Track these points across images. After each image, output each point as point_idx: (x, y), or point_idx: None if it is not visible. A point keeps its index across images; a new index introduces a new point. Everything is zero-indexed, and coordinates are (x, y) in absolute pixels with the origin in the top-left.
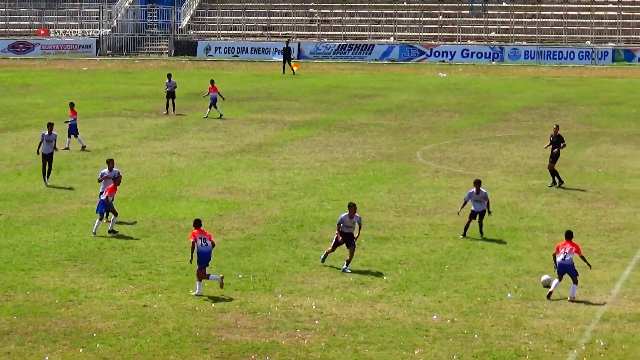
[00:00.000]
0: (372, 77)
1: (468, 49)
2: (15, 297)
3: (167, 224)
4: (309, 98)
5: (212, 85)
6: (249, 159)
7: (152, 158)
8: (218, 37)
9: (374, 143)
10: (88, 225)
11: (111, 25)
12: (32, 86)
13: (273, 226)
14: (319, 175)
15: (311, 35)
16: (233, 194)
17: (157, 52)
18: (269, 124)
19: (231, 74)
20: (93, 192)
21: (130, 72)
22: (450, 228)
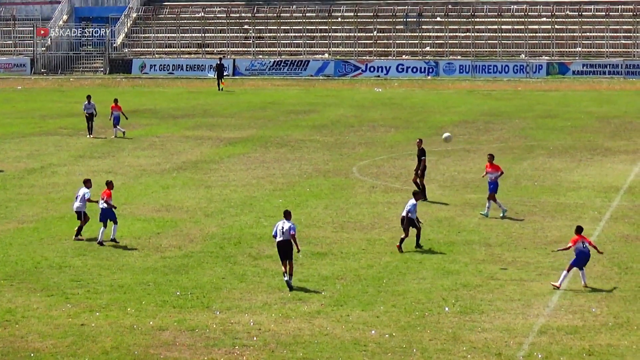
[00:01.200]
0: (308, 92)
1: (403, 64)
2: None
3: (104, 242)
4: (245, 114)
5: (116, 104)
6: (186, 176)
7: (88, 176)
8: (153, 54)
9: (310, 159)
10: (24, 245)
11: (45, 43)
12: None
13: (210, 243)
14: (255, 192)
15: (246, 51)
16: (170, 211)
17: (92, 70)
18: (205, 141)
19: (166, 91)
20: (29, 211)
21: (66, 91)
22: (388, 243)
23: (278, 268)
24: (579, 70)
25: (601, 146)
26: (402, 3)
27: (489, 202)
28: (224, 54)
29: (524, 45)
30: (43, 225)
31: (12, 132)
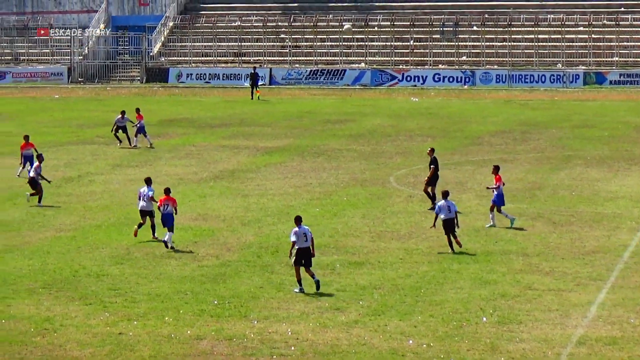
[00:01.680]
0: (345, 102)
1: (439, 73)
2: None
3: (142, 251)
4: (282, 124)
5: (139, 114)
6: (223, 185)
7: (125, 185)
8: (189, 63)
9: (347, 168)
10: (62, 253)
11: (82, 52)
12: (3, 114)
13: (248, 252)
14: (292, 201)
15: (283, 61)
16: (207, 220)
17: (129, 79)
18: (242, 150)
19: (203, 100)
20: (67, 219)
21: (102, 100)
22: (425, 252)
23: (323, 279)
24: (616, 80)
25: (639, 156)
26: (438, 12)
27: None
28: (260, 63)
29: (560, 55)
30: (81, 233)
31: (50, 140)
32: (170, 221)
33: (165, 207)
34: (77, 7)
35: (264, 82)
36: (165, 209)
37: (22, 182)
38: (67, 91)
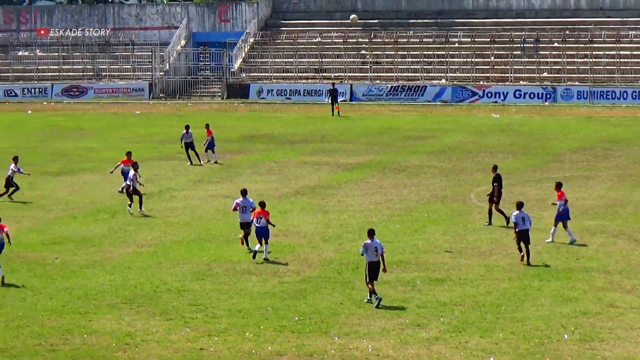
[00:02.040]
0: (425, 118)
1: (520, 90)
2: (73, 340)
3: (223, 266)
4: (362, 140)
5: (208, 130)
6: (304, 201)
7: (206, 201)
8: (270, 79)
9: (428, 185)
10: (143, 269)
11: (164, 68)
12: (85, 130)
13: (328, 268)
14: (373, 217)
15: (363, 77)
16: (288, 236)
17: (210, 95)
18: (322, 166)
19: (284, 116)
20: (148, 235)
21: (184, 115)
22: (506, 269)
23: (397, 294)
24: None
25: None
26: (519, 28)
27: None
28: (341, 79)
29: None
30: (161, 249)
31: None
32: (266, 234)
33: (259, 220)
34: (158, 24)
35: (345, 99)
36: (259, 222)
37: (109, 197)
38: (148, 107)
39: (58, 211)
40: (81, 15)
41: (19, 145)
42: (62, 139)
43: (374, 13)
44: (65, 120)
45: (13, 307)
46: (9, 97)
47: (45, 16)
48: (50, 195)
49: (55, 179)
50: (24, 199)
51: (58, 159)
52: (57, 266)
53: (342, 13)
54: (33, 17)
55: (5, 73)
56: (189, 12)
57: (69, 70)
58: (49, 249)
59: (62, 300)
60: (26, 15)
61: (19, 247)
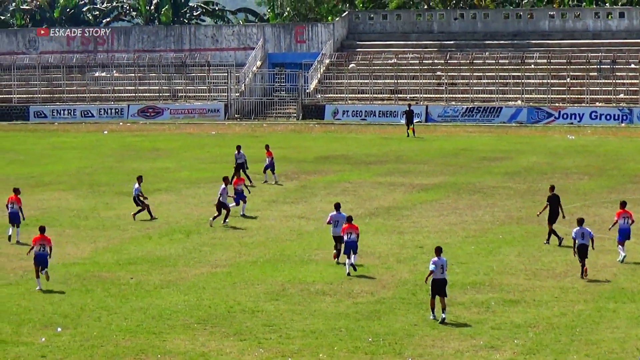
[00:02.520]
0: (500, 139)
1: (596, 111)
2: None
3: (297, 287)
4: (438, 161)
5: (268, 151)
6: (378, 222)
7: (281, 222)
8: (345, 100)
9: (503, 206)
10: (217, 289)
11: (239, 89)
12: (161, 150)
13: (403, 289)
14: (448, 238)
15: (439, 98)
16: (362, 257)
17: (285, 116)
18: (397, 187)
19: (359, 137)
20: (222, 255)
21: (259, 136)
22: (581, 291)
23: (471, 315)
24: None
25: None
26: (595, 50)
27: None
28: (417, 100)
29: None
30: (236, 269)
31: (206, 177)
32: (354, 248)
33: (349, 235)
34: (234, 45)
35: (420, 119)
36: (349, 237)
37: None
38: (223, 127)
39: (133, 231)
40: (157, 36)
41: (95, 166)
42: (137, 159)
43: (450, 34)
44: (141, 141)
45: (88, 326)
46: (85, 117)
47: (122, 37)
48: (126, 215)
49: (131, 199)
50: (100, 219)
51: (134, 179)
52: (132, 286)
53: (418, 34)
54: (110, 38)
55: (82, 94)
56: (265, 33)
57: (145, 91)
58: (124, 269)
59: (137, 320)
60: (103, 37)
61: (95, 267)
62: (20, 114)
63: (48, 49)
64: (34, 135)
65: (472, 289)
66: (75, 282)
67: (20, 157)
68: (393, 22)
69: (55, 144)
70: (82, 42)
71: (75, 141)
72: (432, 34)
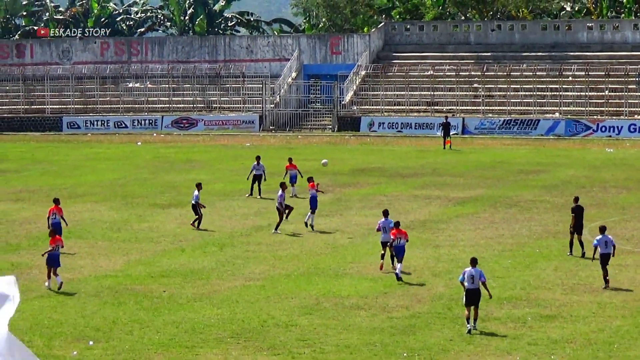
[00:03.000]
0: (538, 152)
1: (635, 124)
2: None
3: (331, 301)
4: (474, 174)
5: (290, 163)
6: (414, 235)
7: (315, 235)
8: (381, 112)
9: (540, 220)
10: (251, 302)
11: (274, 100)
12: (195, 162)
13: (438, 304)
14: (484, 252)
15: (475, 110)
16: None
17: (320, 128)
18: (433, 200)
19: (395, 149)
20: (256, 268)
21: (294, 148)
22: (619, 306)
23: (507, 330)
24: None
25: None
26: (634, 62)
27: None
28: (453, 112)
29: None
30: (270, 283)
31: (241, 189)
32: (401, 253)
33: (398, 240)
34: (269, 56)
35: (457, 132)
36: (399, 242)
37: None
38: (258, 139)
39: (166, 243)
40: (192, 47)
41: (128, 177)
42: (171, 170)
43: (487, 46)
44: (174, 152)
45: (120, 340)
46: (119, 128)
47: (157, 48)
48: (159, 227)
49: (164, 211)
50: (133, 231)
51: (167, 191)
52: (165, 299)
53: (455, 45)
54: (144, 48)
55: (115, 104)
56: (300, 44)
57: (179, 102)
58: (156, 281)
59: (169, 334)
60: (137, 47)
61: (127, 279)
62: (53, 124)
63: (81, 60)
64: (67, 146)
65: (509, 303)
66: (108, 294)
67: (53, 168)
68: (430, 33)
69: (88, 155)
70: (115, 52)
71: (109, 152)
72: (469, 45)
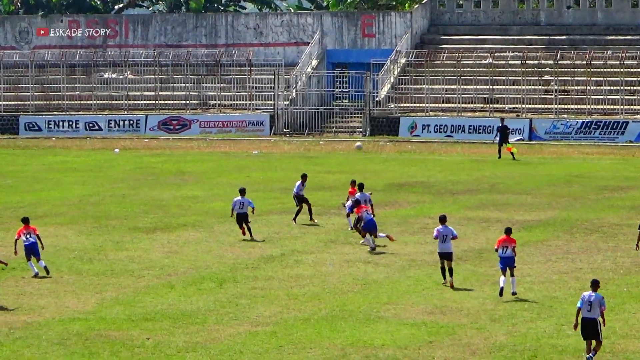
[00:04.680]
0: (626, 163)
1: None
2: None
3: (361, 352)
4: (544, 191)
5: (353, 187)
6: (467, 269)
7: (341, 268)
8: (426, 111)
9: (628, 250)
10: (259, 354)
11: (289, 96)
12: (188, 174)
13: (498, 356)
14: (556, 291)
15: (546, 109)
16: (446, 314)
17: (348, 131)
18: (492, 224)
19: (443, 158)
20: (265, 310)
21: (313, 157)
22: None
23: None
24: None
25: None
26: None
27: None
28: (517, 112)
29: None
30: (282, 328)
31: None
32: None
33: (504, 249)
34: (284, 39)
35: (522, 137)
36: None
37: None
38: (268, 145)
39: (151, 278)
40: (185, 27)
41: (102, 193)
42: (157, 185)
43: (561, 27)
44: (161, 162)
45: None
46: (91, 131)
47: (140, 28)
48: (141, 257)
49: (148, 236)
50: (108, 262)
51: (152, 211)
52: (149, 349)
53: (521, 27)
54: (124, 29)
55: (87, 100)
56: (322, 23)
57: (167, 97)
58: (138, 326)
59: None
60: (115, 27)
61: (100, 323)
62: (7, 125)
63: (44, 43)
64: (25, 154)
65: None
66: (76, 342)
67: (8, 181)
68: (488, 11)
69: (51, 165)
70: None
71: (78, 161)
72: (539, 26)
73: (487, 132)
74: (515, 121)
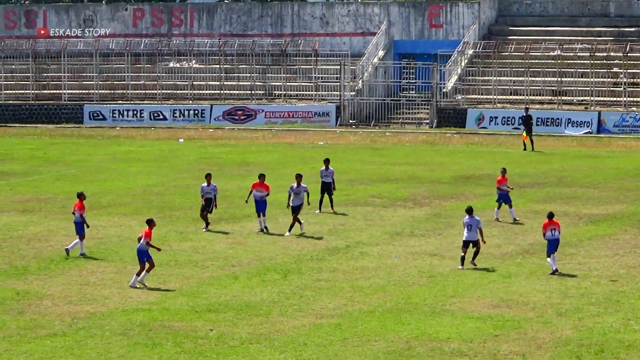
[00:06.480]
0: None
1: None
2: None
3: (426, 345)
4: (613, 184)
5: (503, 176)
6: (533, 262)
7: (406, 260)
8: (494, 103)
9: None
10: (323, 346)
11: (355, 87)
12: (252, 165)
13: (564, 350)
14: (624, 285)
15: (615, 102)
16: (512, 308)
17: (415, 123)
18: (559, 217)
19: (510, 151)
20: (330, 302)
21: (380, 148)
22: None
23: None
24: None
25: None
26: None
27: None
28: (586, 105)
29: None
30: (347, 321)
31: (311, 199)
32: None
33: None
34: (350, 29)
35: (590, 130)
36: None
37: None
38: (334, 136)
39: (215, 269)
40: (250, 16)
41: (166, 184)
42: (221, 176)
43: (631, 19)
44: (226, 152)
45: None
46: (156, 120)
47: (205, 17)
48: (205, 248)
49: (212, 227)
50: (172, 253)
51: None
52: (212, 340)
53: (590, 18)
54: (189, 18)
55: (151, 90)
56: (389, 14)
57: (232, 87)
58: (201, 317)
59: None
60: (180, 16)
61: (164, 314)
62: (72, 115)
63: (108, 32)
64: (89, 143)
65: None
66: (139, 333)
67: (71, 170)
68: (557, 2)
69: (115, 155)
70: (152, 22)
71: (142, 151)
72: (608, 18)
73: (555, 124)
74: (584, 114)
